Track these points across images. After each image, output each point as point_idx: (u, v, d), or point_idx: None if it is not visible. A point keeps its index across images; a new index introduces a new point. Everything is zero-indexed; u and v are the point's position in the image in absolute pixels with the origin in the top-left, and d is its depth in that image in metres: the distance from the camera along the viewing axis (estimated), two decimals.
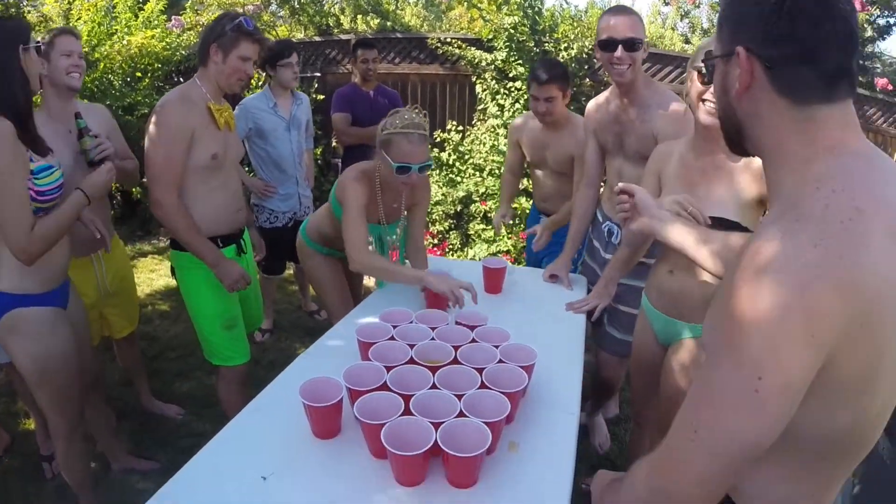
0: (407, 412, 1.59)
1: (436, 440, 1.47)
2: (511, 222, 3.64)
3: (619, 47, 2.52)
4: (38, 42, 2.07)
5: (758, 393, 0.89)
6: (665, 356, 2.30)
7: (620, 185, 1.87)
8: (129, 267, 3.22)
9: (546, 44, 6.12)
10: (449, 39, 6.40)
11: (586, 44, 6.05)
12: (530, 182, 3.87)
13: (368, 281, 5.02)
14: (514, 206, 5.77)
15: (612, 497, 1.30)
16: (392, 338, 2.00)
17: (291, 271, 4.96)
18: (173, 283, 5.29)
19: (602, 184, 3.14)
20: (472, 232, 6.07)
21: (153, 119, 2.47)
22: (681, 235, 1.73)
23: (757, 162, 1.87)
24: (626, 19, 2.55)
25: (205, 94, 2.57)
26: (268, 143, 3.98)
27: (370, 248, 2.65)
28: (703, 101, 1.99)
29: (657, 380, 2.34)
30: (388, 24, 7.04)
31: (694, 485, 0.97)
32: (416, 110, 2.57)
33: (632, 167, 2.73)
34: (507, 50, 6.00)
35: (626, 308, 2.86)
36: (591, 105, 2.97)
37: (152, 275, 5.57)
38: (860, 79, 4.69)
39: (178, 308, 4.85)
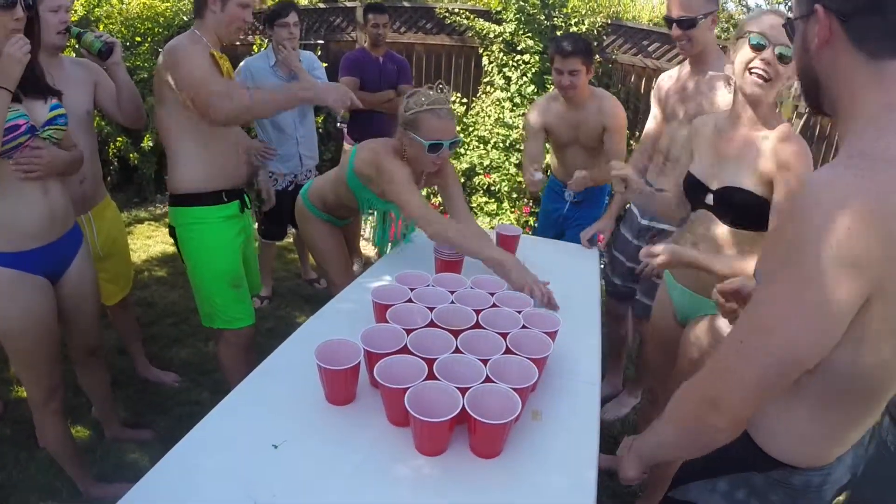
0: (430, 377, 1.50)
1: (463, 406, 1.38)
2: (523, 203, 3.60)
3: (674, 25, 2.59)
4: None
5: (802, 308, 0.98)
6: (684, 331, 2.26)
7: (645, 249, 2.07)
8: (122, 231, 3.11)
9: (556, 18, 6.00)
10: (457, 10, 6.27)
11: (597, 20, 5.94)
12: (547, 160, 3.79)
13: (366, 249, 4.98)
14: (520, 179, 5.72)
15: (642, 440, 1.39)
16: (409, 300, 1.91)
17: (291, 239, 4.87)
18: (170, 249, 5.21)
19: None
20: (475, 205, 5.98)
21: (174, 58, 2.34)
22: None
23: (773, 135, 1.90)
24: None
25: (206, 44, 2.46)
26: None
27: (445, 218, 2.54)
28: (751, 70, 1.89)
29: (675, 355, 2.28)
30: None
31: (738, 391, 1.07)
32: (441, 87, 2.52)
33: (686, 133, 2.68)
34: (516, 22, 5.87)
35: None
36: (663, 75, 3.00)
37: (149, 241, 5.46)
38: None
39: (174, 274, 4.75)
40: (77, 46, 2.58)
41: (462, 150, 6.15)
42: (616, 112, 3.23)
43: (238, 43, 6.87)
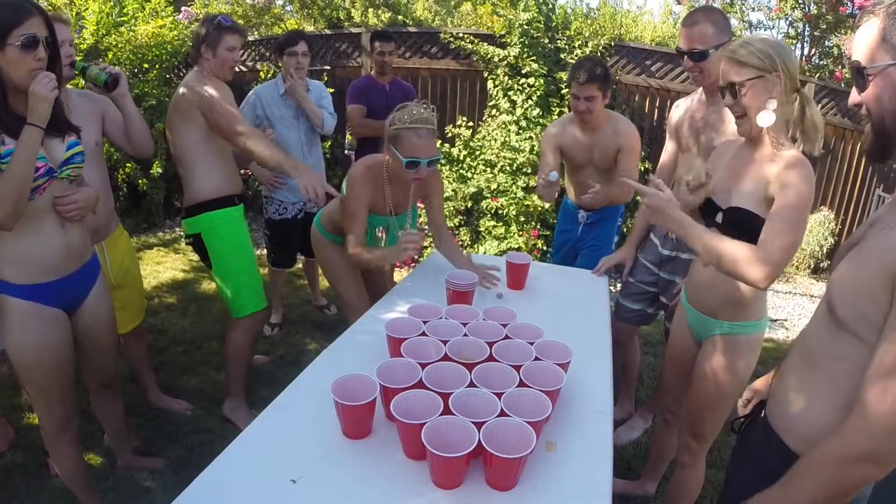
0: (445, 411, 1.52)
1: (479, 441, 1.40)
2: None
3: (686, 57, 2.61)
4: (27, 35, 1.88)
5: None
6: (698, 353, 2.28)
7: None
8: (134, 260, 3.13)
9: (559, 41, 6.06)
10: (461, 34, 6.33)
11: (601, 42, 6.00)
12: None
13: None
14: (527, 203, 5.74)
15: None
16: (423, 333, 1.93)
17: (300, 265, 4.89)
18: (180, 275, 5.25)
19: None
20: (482, 228, 5.99)
21: (203, 96, 2.81)
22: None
23: (781, 161, 1.89)
24: (690, 31, 2.60)
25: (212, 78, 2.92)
26: (275, 131, 3.88)
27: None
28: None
29: (689, 375, 2.30)
30: (400, 17, 6.97)
31: None
32: (424, 105, 2.60)
33: (702, 163, 2.68)
34: (520, 46, 5.93)
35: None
36: (674, 106, 3.00)
37: (158, 267, 5.48)
38: None
39: (185, 301, 4.77)
40: (84, 81, 2.63)
41: (469, 174, 6.17)
42: (631, 133, 3.28)
43: (245, 69, 6.97)
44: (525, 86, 6.00)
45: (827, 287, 1.32)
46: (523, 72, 6.00)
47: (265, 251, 4.49)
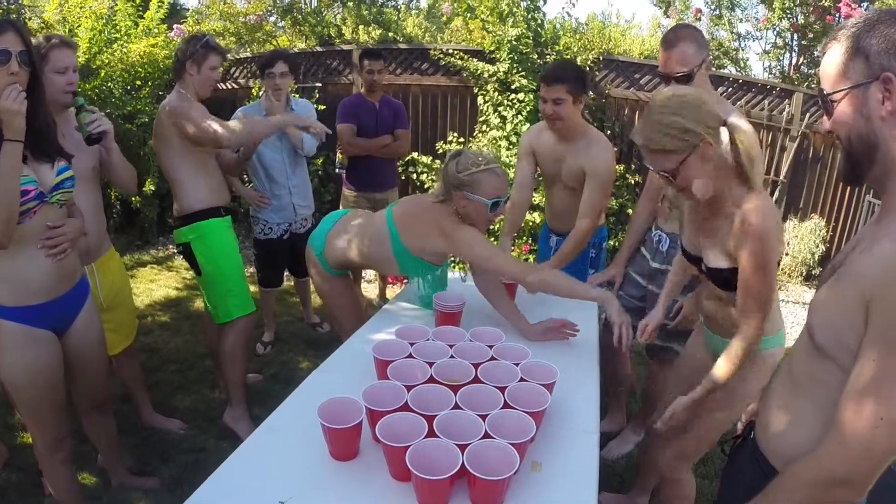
0: (430, 433, 1.55)
1: (463, 463, 1.42)
2: (512, 247, 3.61)
3: (672, 81, 2.62)
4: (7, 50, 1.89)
5: None
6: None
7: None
8: (125, 281, 3.15)
9: (549, 56, 6.11)
10: (451, 51, 6.38)
11: (589, 56, 6.05)
12: (542, 196, 3.79)
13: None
14: None
15: None
16: (410, 355, 1.96)
17: (291, 282, 4.90)
18: (173, 293, 5.26)
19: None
20: None
21: (181, 117, 2.94)
22: None
23: (736, 219, 1.82)
24: (665, 54, 2.63)
25: (191, 99, 3.07)
26: (258, 152, 3.87)
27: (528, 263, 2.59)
28: None
29: None
30: (390, 34, 7.01)
31: (873, 467, 1.10)
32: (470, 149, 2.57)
33: None
34: (509, 61, 5.97)
35: None
36: None
37: (152, 285, 5.50)
38: None
39: (178, 319, 4.79)
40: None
41: None
42: (600, 157, 3.02)
43: (237, 87, 7.01)
44: (515, 101, 6.05)
45: (808, 312, 1.31)
46: (513, 87, 6.04)
47: (255, 270, 4.50)
